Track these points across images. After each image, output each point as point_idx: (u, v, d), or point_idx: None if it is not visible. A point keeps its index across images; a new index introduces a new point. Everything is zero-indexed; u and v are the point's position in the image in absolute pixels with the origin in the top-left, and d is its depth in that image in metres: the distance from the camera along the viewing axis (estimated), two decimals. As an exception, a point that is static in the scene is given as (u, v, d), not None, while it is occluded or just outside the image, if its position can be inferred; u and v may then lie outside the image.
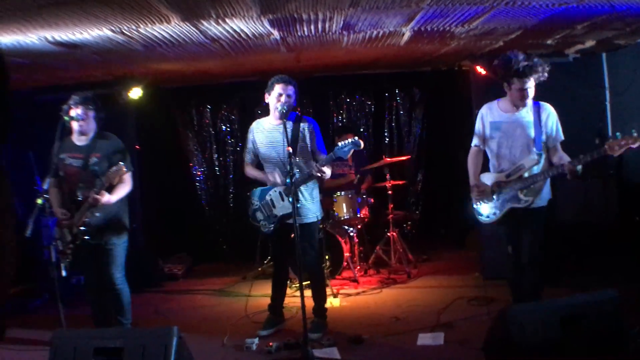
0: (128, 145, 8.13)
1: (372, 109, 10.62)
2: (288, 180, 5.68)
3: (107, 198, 5.54)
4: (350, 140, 5.82)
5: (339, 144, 5.86)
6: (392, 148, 10.55)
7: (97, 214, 5.59)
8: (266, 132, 6.18)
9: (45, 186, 5.39)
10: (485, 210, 5.79)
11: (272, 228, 6.16)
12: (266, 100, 6.14)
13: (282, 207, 6.04)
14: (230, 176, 10.48)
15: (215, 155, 10.52)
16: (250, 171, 6.33)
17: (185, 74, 8.58)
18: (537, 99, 5.77)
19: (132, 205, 6.11)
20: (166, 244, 9.86)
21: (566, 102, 7.69)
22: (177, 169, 10.45)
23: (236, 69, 8.57)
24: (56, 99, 7.89)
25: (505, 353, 4.39)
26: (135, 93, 8.28)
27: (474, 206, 5.91)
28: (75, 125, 5.71)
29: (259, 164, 6.34)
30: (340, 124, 10.44)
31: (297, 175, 5.89)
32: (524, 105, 5.58)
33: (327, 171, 5.91)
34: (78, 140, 5.82)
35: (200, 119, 10.44)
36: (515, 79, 5.50)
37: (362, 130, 10.56)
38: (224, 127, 10.48)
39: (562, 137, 5.61)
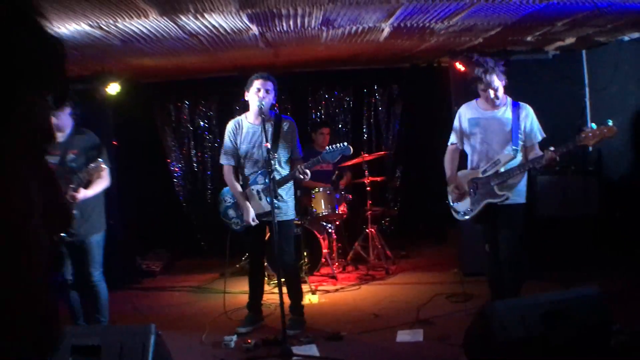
0: (105, 140, 8.06)
1: (351, 105, 10.61)
2: (267, 181, 5.72)
3: (84, 193, 5.46)
4: (340, 145, 5.91)
5: (327, 147, 5.95)
6: (371, 144, 10.54)
7: (74, 212, 5.52)
8: (246, 131, 6.11)
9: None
10: (462, 207, 5.81)
11: (244, 225, 6.11)
12: (245, 98, 6.10)
13: (260, 206, 6.01)
14: (208, 172, 10.44)
15: (193, 151, 10.47)
16: (230, 182, 6.20)
17: (163, 69, 8.52)
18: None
19: (109, 201, 6.04)
20: (144, 240, 9.79)
21: (546, 98, 7.78)
22: (154, 165, 10.38)
23: (215, 65, 8.51)
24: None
25: (485, 350, 4.38)
26: (113, 89, 8.20)
27: (451, 204, 5.93)
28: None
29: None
30: (318, 120, 10.42)
31: (279, 175, 5.93)
32: (496, 103, 5.59)
33: (309, 173, 5.94)
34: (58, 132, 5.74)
35: (179, 114, 10.38)
36: (478, 81, 5.61)
37: (340, 126, 10.56)
38: (202, 122, 10.43)
39: (541, 137, 5.66)
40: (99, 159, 5.42)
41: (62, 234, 5.50)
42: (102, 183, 5.66)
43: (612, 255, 7.14)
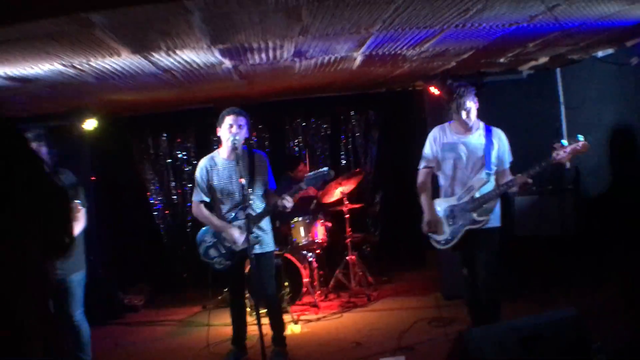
0: (83, 176, 8.09)
1: (328, 132, 10.64)
2: (233, 216, 5.83)
3: None
4: (321, 170, 5.95)
5: (308, 174, 5.98)
6: (350, 170, 10.54)
7: None
8: (221, 168, 6.10)
9: None
10: (441, 237, 5.82)
11: (228, 264, 6.08)
12: (218, 134, 6.10)
13: (244, 241, 5.88)
14: (188, 204, 10.37)
15: (173, 184, 10.46)
16: (203, 216, 6.16)
17: (140, 103, 8.54)
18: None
19: (89, 236, 5.97)
20: (125, 275, 9.74)
21: (521, 118, 7.89)
22: (134, 199, 10.36)
23: (190, 97, 8.54)
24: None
25: (465, 376, 4.40)
26: (90, 124, 8.22)
27: (429, 235, 5.95)
28: None
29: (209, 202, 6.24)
30: (296, 148, 10.45)
31: (257, 209, 5.98)
32: (469, 124, 5.64)
33: (292, 202, 5.95)
34: None
35: (157, 147, 10.38)
36: (452, 103, 5.65)
37: (318, 153, 10.58)
38: (180, 154, 10.43)
39: (511, 159, 5.70)
40: (76, 201, 5.39)
41: None
42: (79, 224, 5.63)
43: (590, 272, 7.16)
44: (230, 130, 5.95)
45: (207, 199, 6.14)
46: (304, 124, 10.62)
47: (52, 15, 3.87)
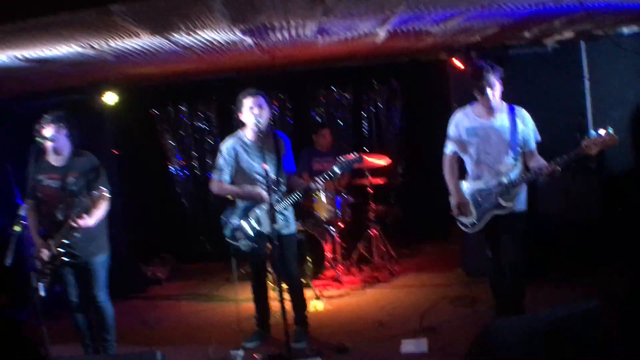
0: (106, 150, 8.11)
1: (351, 102, 10.50)
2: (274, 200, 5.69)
3: (86, 222, 5.43)
4: (354, 155, 5.90)
5: (339, 159, 5.92)
6: (372, 141, 10.47)
7: (77, 235, 5.50)
8: (250, 151, 6.03)
9: (22, 212, 5.24)
10: (468, 220, 5.77)
11: (254, 246, 6.06)
12: (241, 119, 6.02)
13: (267, 224, 5.85)
14: (209, 175, 10.36)
15: (195, 154, 10.44)
16: (226, 188, 6.11)
17: (159, 75, 8.46)
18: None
19: (111, 210, 5.89)
20: (149, 246, 9.79)
21: (545, 92, 7.71)
22: (156, 170, 10.37)
23: (211, 68, 8.45)
24: (33, 108, 7.82)
25: (488, 369, 4.38)
26: (111, 98, 8.19)
27: (456, 217, 5.89)
28: (48, 145, 5.60)
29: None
30: (318, 118, 10.38)
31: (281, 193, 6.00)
32: (492, 104, 5.52)
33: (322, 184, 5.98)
34: (54, 160, 5.69)
35: (178, 117, 10.34)
36: (478, 82, 5.51)
37: (340, 123, 10.48)
38: (201, 125, 10.38)
39: (539, 139, 5.59)
40: (101, 187, 5.38)
41: (63, 258, 5.51)
42: (103, 208, 5.62)
43: (615, 254, 7.08)
44: (252, 112, 5.87)
45: (228, 180, 6.09)
46: (325, 93, 10.49)
47: (70, 9, 3.81)
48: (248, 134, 6.06)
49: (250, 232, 6.02)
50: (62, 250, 5.48)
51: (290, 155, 6.16)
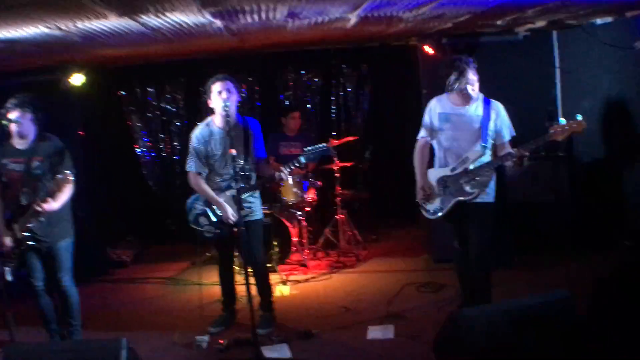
0: (72, 132, 7.98)
1: (319, 86, 10.48)
2: (227, 185, 5.87)
3: (51, 206, 5.38)
4: (319, 146, 5.87)
5: (307, 148, 5.86)
6: (340, 125, 10.47)
7: (41, 219, 5.44)
8: (217, 138, 5.97)
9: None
10: (432, 206, 5.77)
11: (218, 232, 6.04)
12: (210, 105, 5.95)
13: (235, 211, 5.80)
14: (176, 157, 10.31)
15: (161, 136, 10.35)
16: (201, 188, 6.02)
17: (127, 57, 8.34)
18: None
19: (77, 192, 5.80)
20: (114, 229, 9.69)
21: (516, 80, 7.76)
22: (122, 152, 10.26)
23: (180, 50, 8.35)
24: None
25: (455, 356, 4.40)
26: (78, 79, 8.06)
27: (420, 203, 5.89)
28: (13, 128, 5.51)
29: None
30: (287, 102, 10.33)
31: (252, 179, 5.99)
32: (472, 98, 5.52)
33: (288, 176, 5.93)
34: (18, 144, 5.61)
35: (145, 99, 10.23)
36: (455, 78, 5.50)
37: (308, 107, 10.45)
38: (168, 107, 10.28)
39: (509, 136, 5.62)
40: (66, 171, 5.30)
41: (28, 242, 5.45)
42: (67, 192, 5.55)
43: (583, 240, 7.16)
44: (220, 97, 5.80)
45: (204, 172, 6.03)
46: (294, 76, 10.44)
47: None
48: (217, 120, 6.00)
49: (214, 219, 6.00)
50: (26, 234, 5.43)
51: (260, 141, 6.12)
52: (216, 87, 5.84)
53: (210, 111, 6.04)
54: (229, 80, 5.89)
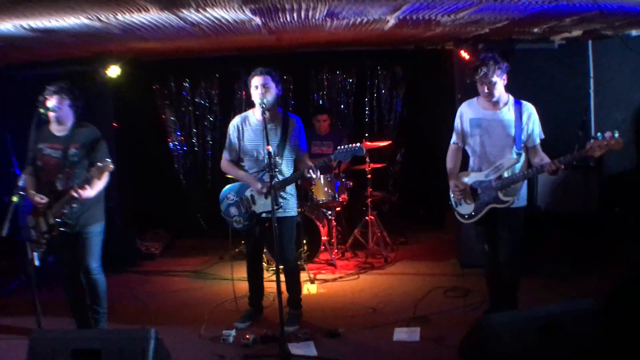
0: (106, 123, 8.06)
1: (353, 87, 10.50)
2: (259, 178, 5.89)
3: (88, 193, 5.44)
4: (352, 146, 5.81)
5: (340, 147, 5.87)
6: (373, 127, 10.49)
7: (75, 205, 5.51)
8: (252, 129, 6.04)
9: (21, 182, 5.20)
10: (465, 210, 5.75)
11: (247, 224, 6.10)
12: (252, 98, 5.98)
13: (264, 204, 5.92)
14: (209, 152, 10.41)
15: (194, 130, 10.43)
16: (231, 169, 6.18)
17: (164, 50, 8.42)
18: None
19: (108, 184, 5.84)
20: (144, 221, 9.78)
21: (550, 88, 7.73)
22: (155, 145, 10.35)
23: (216, 46, 8.42)
24: (35, 76, 7.77)
25: (481, 361, 4.40)
26: (114, 71, 8.15)
27: (454, 206, 5.88)
28: (51, 115, 5.58)
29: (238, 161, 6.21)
30: (320, 101, 10.36)
31: (285, 174, 5.99)
32: (493, 100, 5.50)
33: (318, 174, 5.87)
34: (56, 130, 5.68)
35: (179, 93, 10.31)
36: (476, 75, 5.47)
37: (342, 107, 10.48)
38: (202, 101, 10.36)
39: (542, 136, 5.56)
40: (107, 159, 5.36)
41: (61, 228, 5.51)
42: (104, 180, 5.61)
43: (611, 251, 7.11)
44: (257, 91, 5.86)
45: (235, 159, 6.15)
46: (329, 76, 10.46)
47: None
48: (256, 113, 6.06)
49: (244, 210, 6.07)
50: (59, 220, 5.48)
51: (302, 137, 6.16)
52: (254, 81, 5.89)
53: (252, 104, 6.07)
54: (267, 75, 5.91)
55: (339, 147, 5.89)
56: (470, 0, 5.36)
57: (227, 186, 6.25)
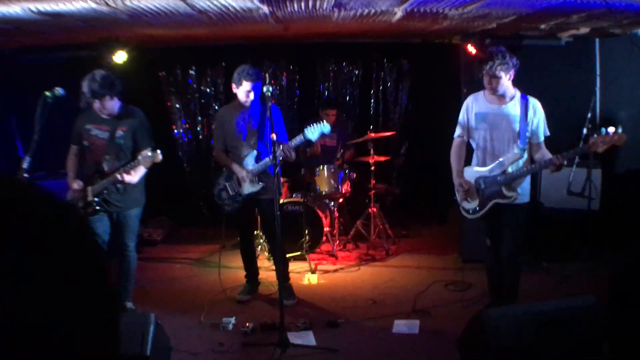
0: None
1: (359, 79, 10.48)
2: (256, 164, 6.35)
3: (132, 178, 5.65)
4: (320, 124, 6.22)
5: (308, 127, 6.23)
6: (377, 119, 10.47)
7: (119, 186, 5.73)
8: (236, 120, 6.47)
9: (25, 164, 5.24)
10: (469, 205, 5.75)
11: (236, 207, 6.47)
12: (233, 90, 6.38)
13: (249, 187, 6.38)
14: (212, 141, 10.36)
15: (199, 118, 10.41)
16: (221, 158, 6.63)
17: (170, 37, 8.42)
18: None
19: None
20: (147, 207, 9.75)
21: (556, 85, 7.69)
22: (159, 132, 10.25)
23: (223, 34, 8.41)
24: (41, 61, 7.77)
25: (479, 355, 4.41)
26: (120, 57, 8.14)
27: (458, 202, 5.88)
28: (97, 105, 5.76)
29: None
30: (326, 92, 10.35)
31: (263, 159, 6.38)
32: (496, 93, 5.49)
33: (293, 154, 6.28)
34: (102, 113, 5.84)
35: (185, 80, 10.29)
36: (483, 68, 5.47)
37: (347, 99, 10.46)
38: (208, 90, 10.34)
39: (547, 134, 5.55)
40: (158, 150, 5.52)
41: (97, 207, 5.69)
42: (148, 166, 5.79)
43: (612, 248, 7.10)
44: (247, 95, 6.30)
45: (222, 148, 6.60)
46: (335, 68, 10.45)
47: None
48: (236, 106, 6.51)
49: (232, 193, 6.46)
50: (97, 199, 5.66)
51: (281, 126, 6.41)
52: (247, 85, 6.28)
53: (234, 95, 6.46)
54: (259, 80, 6.31)
55: (307, 126, 6.25)
56: (478, -6, 5.36)
57: (219, 172, 6.72)
